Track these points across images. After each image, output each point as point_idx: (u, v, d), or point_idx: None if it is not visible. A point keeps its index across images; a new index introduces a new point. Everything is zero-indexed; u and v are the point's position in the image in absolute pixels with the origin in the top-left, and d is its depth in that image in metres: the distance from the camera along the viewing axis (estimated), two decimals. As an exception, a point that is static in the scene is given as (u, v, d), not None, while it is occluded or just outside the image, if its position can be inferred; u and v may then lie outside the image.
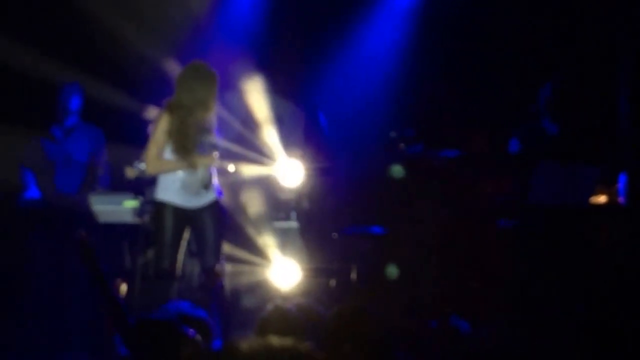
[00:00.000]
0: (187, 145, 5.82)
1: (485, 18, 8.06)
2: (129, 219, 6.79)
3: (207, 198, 5.96)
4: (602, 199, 6.96)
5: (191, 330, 3.82)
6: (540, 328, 5.99)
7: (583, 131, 7.24)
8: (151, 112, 5.98)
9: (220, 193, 6.08)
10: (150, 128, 5.90)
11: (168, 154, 5.89)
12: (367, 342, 3.73)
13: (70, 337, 6.62)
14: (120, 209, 6.76)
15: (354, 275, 7.24)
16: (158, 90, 6.34)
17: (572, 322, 5.80)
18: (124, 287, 4.11)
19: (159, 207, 5.94)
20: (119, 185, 6.98)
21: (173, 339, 3.74)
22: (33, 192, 6.99)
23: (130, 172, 6.51)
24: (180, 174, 5.89)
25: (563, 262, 6.61)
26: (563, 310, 6.24)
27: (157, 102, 5.96)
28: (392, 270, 7.15)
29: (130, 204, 6.76)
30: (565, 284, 6.50)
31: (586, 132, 7.26)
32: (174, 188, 5.90)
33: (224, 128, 6.22)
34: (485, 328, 5.66)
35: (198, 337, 3.81)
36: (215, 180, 6.02)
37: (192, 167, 5.84)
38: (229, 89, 7.02)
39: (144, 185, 6.60)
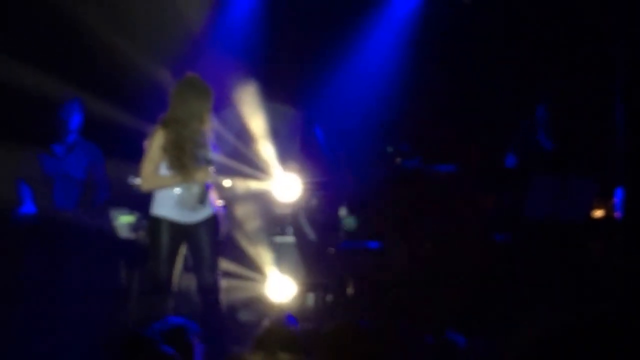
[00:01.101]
0: (183, 159, 5.79)
1: (480, 33, 8.08)
2: (125, 234, 6.78)
3: (203, 213, 5.94)
4: (598, 213, 6.96)
5: (170, 348, 3.79)
6: (537, 342, 5.97)
7: (579, 145, 7.24)
8: (148, 127, 5.95)
9: (218, 208, 6.05)
10: (145, 144, 5.88)
11: (164, 170, 5.86)
12: (363, 358, 3.72)
13: (64, 352, 6.59)
14: (116, 224, 6.75)
15: (350, 291, 7.23)
16: (155, 105, 6.33)
17: (568, 336, 5.78)
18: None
19: (155, 222, 5.91)
20: (116, 200, 6.97)
21: (150, 358, 3.73)
22: (29, 207, 6.97)
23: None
24: (176, 189, 5.86)
25: (559, 276, 6.60)
26: (559, 324, 6.22)
27: (154, 118, 5.94)
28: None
29: (126, 219, 6.75)
30: (561, 298, 6.48)
31: (582, 146, 7.26)
32: (169, 203, 5.88)
33: (219, 142, 6.21)
34: (481, 342, 5.64)
35: (178, 356, 3.77)
36: (212, 195, 6.00)
37: (187, 181, 5.82)
38: (224, 103, 7.01)
39: (141, 201, 6.57)
